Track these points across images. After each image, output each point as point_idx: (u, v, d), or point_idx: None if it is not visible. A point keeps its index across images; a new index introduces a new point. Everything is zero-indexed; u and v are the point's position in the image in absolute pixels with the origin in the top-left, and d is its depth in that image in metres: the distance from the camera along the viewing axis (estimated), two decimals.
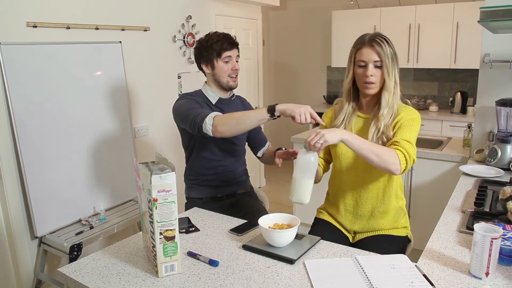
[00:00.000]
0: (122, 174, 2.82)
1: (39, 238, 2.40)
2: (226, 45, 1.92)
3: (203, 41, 1.97)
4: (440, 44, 4.36)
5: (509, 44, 2.37)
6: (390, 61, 1.59)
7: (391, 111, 1.63)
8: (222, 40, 1.93)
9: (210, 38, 1.95)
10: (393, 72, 1.60)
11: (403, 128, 1.60)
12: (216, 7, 3.92)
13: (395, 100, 1.63)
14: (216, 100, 2.00)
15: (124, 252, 1.42)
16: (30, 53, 2.32)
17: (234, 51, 1.97)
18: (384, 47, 1.58)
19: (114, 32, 2.86)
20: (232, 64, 1.96)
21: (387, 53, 1.58)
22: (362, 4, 4.99)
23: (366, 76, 1.60)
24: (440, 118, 4.33)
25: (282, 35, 5.83)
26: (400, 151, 1.51)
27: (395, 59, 1.61)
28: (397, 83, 1.62)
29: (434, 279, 1.18)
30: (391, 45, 1.61)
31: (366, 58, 1.60)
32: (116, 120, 2.81)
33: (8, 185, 2.29)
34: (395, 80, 1.61)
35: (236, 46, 1.98)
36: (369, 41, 1.60)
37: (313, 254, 1.38)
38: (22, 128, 2.27)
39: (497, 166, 2.26)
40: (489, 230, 1.15)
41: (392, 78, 1.60)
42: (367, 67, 1.60)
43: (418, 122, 1.65)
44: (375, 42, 1.58)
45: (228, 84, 1.98)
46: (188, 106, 1.85)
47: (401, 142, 1.54)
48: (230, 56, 1.94)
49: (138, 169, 1.29)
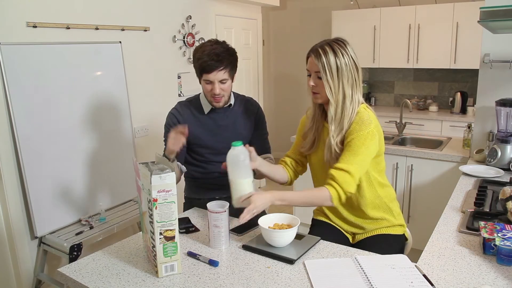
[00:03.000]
0: (122, 174, 2.82)
1: (39, 238, 2.40)
2: (205, 67, 1.72)
3: (194, 51, 1.81)
4: (440, 44, 4.36)
5: (509, 44, 2.37)
6: (331, 72, 1.50)
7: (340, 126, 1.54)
8: (205, 59, 1.72)
9: (198, 51, 1.77)
10: (337, 84, 1.51)
11: (349, 150, 1.51)
12: (216, 7, 3.92)
13: (345, 114, 1.53)
14: (209, 111, 1.90)
15: (124, 252, 1.42)
16: (30, 53, 2.32)
17: (217, 74, 1.73)
18: (325, 58, 1.50)
19: (114, 32, 2.86)
20: (211, 87, 1.77)
21: (327, 64, 1.49)
22: (362, 4, 4.99)
23: (309, 86, 1.58)
24: (440, 118, 4.33)
25: (282, 35, 5.83)
26: (332, 186, 1.47)
27: (343, 70, 1.50)
28: (346, 96, 1.52)
29: (434, 279, 1.18)
30: (340, 55, 1.50)
31: (308, 67, 1.58)
32: (116, 120, 2.81)
33: (8, 185, 2.29)
34: (343, 93, 1.52)
35: (221, 68, 1.73)
36: (312, 51, 1.55)
37: (313, 254, 1.38)
38: (22, 128, 2.27)
39: (497, 166, 2.26)
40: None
41: (335, 90, 1.51)
42: (310, 77, 1.57)
43: (371, 136, 1.51)
44: (317, 52, 1.52)
45: (212, 103, 1.85)
46: (165, 136, 1.87)
47: (336, 175, 1.47)
48: (210, 80, 1.76)
49: (138, 169, 1.30)
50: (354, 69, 1.54)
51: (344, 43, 1.54)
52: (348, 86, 1.53)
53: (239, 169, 1.45)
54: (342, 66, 1.51)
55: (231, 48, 1.81)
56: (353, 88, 1.54)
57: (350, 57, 1.53)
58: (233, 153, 1.45)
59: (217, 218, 1.40)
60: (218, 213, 1.40)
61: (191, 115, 1.91)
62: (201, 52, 1.74)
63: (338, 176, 1.48)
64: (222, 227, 1.41)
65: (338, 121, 1.55)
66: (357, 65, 1.55)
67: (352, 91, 1.54)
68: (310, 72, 1.57)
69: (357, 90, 1.56)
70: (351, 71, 1.53)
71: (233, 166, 1.46)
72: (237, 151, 1.45)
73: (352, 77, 1.53)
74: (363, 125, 1.52)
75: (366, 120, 1.53)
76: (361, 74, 1.58)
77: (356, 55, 1.56)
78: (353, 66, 1.53)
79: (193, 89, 3.69)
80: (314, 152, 1.71)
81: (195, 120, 1.91)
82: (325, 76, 1.51)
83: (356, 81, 1.55)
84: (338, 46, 1.52)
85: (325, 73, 1.50)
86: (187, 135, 1.69)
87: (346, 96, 1.53)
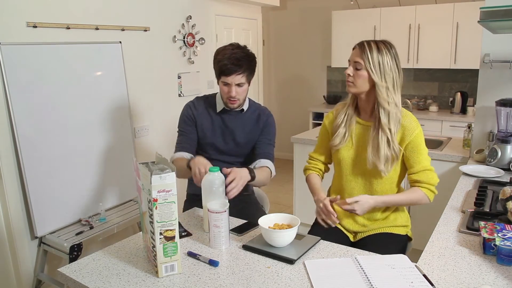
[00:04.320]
0: (122, 174, 2.82)
1: (39, 238, 2.40)
2: (225, 69, 1.79)
3: (215, 53, 1.86)
4: (440, 44, 4.36)
5: (509, 44, 2.37)
6: (374, 66, 1.56)
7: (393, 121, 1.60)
8: (225, 62, 1.78)
9: (219, 53, 1.83)
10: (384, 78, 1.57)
11: (417, 151, 1.63)
12: (216, 7, 3.92)
13: (393, 108, 1.60)
14: (220, 110, 1.95)
15: (124, 252, 1.42)
16: (30, 53, 2.32)
17: (234, 78, 1.79)
18: (369, 51, 1.57)
19: (114, 32, 2.86)
20: (228, 89, 1.83)
21: (371, 57, 1.56)
22: (362, 4, 4.99)
23: (346, 74, 1.64)
24: (440, 118, 4.33)
25: (282, 35, 5.83)
26: (425, 188, 1.63)
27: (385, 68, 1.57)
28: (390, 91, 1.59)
29: (434, 279, 1.18)
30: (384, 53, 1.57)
31: (350, 57, 1.64)
32: (116, 120, 2.81)
33: (8, 185, 2.29)
34: (387, 87, 1.58)
35: (239, 73, 1.79)
36: (358, 44, 1.63)
37: (313, 254, 1.38)
38: (22, 128, 2.27)
39: (497, 166, 2.26)
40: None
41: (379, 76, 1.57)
42: (349, 67, 1.64)
43: (421, 130, 1.66)
44: (362, 45, 1.60)
45: (227, 104, 1.90)
46: (179, 125, 1.99)
47: (422, 178, 1.63)
48: (227, 83, 1.81)
49: (138, 169, 1.30)
50: (396, 71, 1.59)
51: (390, 45, 1.61)
52: (390, 84, 1.59)
53: (212, 195, 1.48)
54: (385, 64, 1.57)
55: (251, 54, 1.86)
56: (394, 88, 1.60)
57: (393, 58, 1.59)
58: (208, 179, 1.48)
59: (217, 218, 1.40)
60: (218, 213, 1.40)
61: (205, 110, 1.97)
62: (222, 54, 1.80)
63: (422, 178, 1.63)
64: (222, 227, 1.41)
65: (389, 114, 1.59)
66: (399, 69, 1.61)
67: (394, 90, 1.60)
68: (350, 63, 1.64)
69: (397, 92, 1.62)
70: (392, 72, 1.59)
71: (207, 192, 1.49)
72: (213, 177, 1.48)
73: (393, 78, 1.59)
74: (412, 119, 1.64)
75: (413, 121, 1.64)
76: (401, 78, 1.63)
77: (399, 60, 1.62)
78: (395, 67, 1.59)
79: (193, 89, 3.70)
80: (344, 148, 1.72)
81: (207, 115, 1.97)
82: (371, 69, 1.57)
83: (397, 83, 1.60)
84: (384, 46, 1.59)
85: (371, 67, 1.56)
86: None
87: (390, 91, 1.59)
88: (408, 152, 1.64)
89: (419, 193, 1.64)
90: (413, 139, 1.62)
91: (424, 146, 1.65)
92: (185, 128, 1.97)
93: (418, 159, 1.63)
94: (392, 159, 1.62)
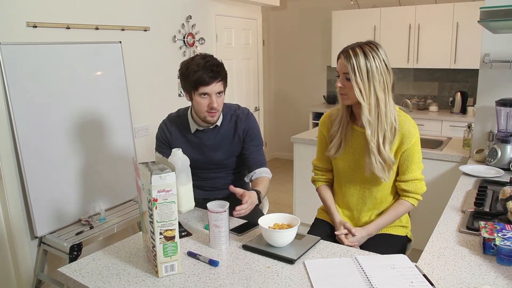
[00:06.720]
0: (122, 174, 2.82)
1: (39, 238, 2.40)
2: (204, 79, 1.66)
3: (183, 67, 1.74)
4: (440, 44, 4.36)
5: (509, 44, 2.37)
6: (361, 74, 1.48)
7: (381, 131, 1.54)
8: (201, 71, 1.66)
9: (190, 66, 1.70)
10: (368, 87, 1.49)
11: (411, 159, 1.60)
12: (216, 7, 3.92)
13: (382, 118, 1.53)
14: (195, 130, 1.86)
15: (124, 252, 1.42)
16: (30, 53, 2.31)
17: (214, 86, 1.69)
18: (355, 59, 1.48)
19: (114, 32, 2.86)
20: (209, 101, 1.70)
21: (357, 66, 1.48)
22: (362, 4, 4.99)
23: (337, 87, 1.58)
24: (440, 118, 4.33)
25: (282, 35, 5.83)
26: (411, 198, 1.65)
27: (374, 73, 1.49)
28: (380, 99, 1.51)
29: (434, 279, 1.18)
30: (371, 58, 1.49)
31: (337, 68, 1.58)
32: (116, 120, 2.81)
33: (8, 185, 2.29)
34: (376, 97, 1.50)
35: (218, 80, 1.69)
36: (343, 52, 1.55)
37: (313, 254, 1.38)
38: (22, 128, 2.27)
39: (497, 166, 2.26)
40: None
41: (366, 93, 1.50)
42: (339, 77, 1.58)
43: (419, 136, 1.63)
44: (347, 53, 1.51)
45: (206, 119, 1.77)
46: (156, 147, 1.93)
47: (410, 188, 1.63)
48: (207, 93, 1.69)
49: (138, 169, 1.30)
50: (386, 73, 1.52)
51: (376, 46, 1.53)
52: (380, 89, 1.51)
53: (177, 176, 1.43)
54: (373, 69, 1.49)
55: (222, 62, 1.78)
56: (385, 92, 1.53)
57: (381, 60, 1.51)
58: (172, 160, 1.45)
59: (217, 218, 1.40)
60: (218, 213, 1.40)
61: (178, 133, 1.89)
62: (195, 65, 1.69)
63: (410, 188, 1.63)
64: (222, 227, 1.41)
65: (375, 125, 1.54)
66: (389, 69, 1.53)
67: (385, 94, 1.52)
68: (339, 74, 1.57)
69: (390, 94, 1.55)
70: (382, 75, 1.51)
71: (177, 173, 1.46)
72: (176, 157, 1.46)
73: (383, 81, 1.51)
74: (413, 129, 1.59)
75: (412, 127, 1.59)
76: (392, 78, 1.56)
77: (388, 59, 1.54)
78: (384, 69, 1.51)
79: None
80: (341, 157, 1.69)
81: (181, 138, 1.89)
82: (354, 77, 1.49)
83: (388, 85, 1.53)
84: (370, 49, 1.50)
85: (354, 75, 1.49)
86: None
87: (379, 100, 1.51)
88: (403, 159, 1.61)
89: (405, 205, 1.66)
90: (410, 147, 1.59)
91: (419, 153, 1.63)
92: (162, 150, 1.89)
93: (410, 167, 1.61)
94: (388, 167, 1.57)
